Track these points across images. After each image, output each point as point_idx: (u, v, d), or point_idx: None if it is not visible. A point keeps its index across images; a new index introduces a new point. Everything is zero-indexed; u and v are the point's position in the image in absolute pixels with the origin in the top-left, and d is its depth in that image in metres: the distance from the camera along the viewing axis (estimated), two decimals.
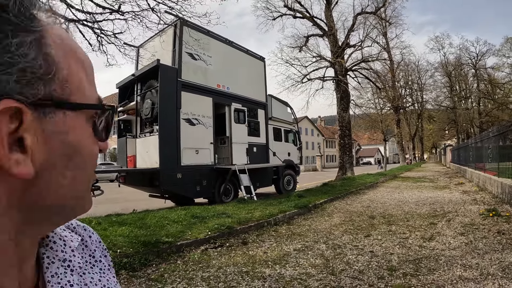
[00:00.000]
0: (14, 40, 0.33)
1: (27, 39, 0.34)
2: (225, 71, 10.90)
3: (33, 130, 0.35)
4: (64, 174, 0.39)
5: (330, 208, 9.12)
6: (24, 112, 0.33)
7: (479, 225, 6.34)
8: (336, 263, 4.48)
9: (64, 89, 0.37)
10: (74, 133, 0.39)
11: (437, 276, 3.85)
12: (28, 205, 0.37)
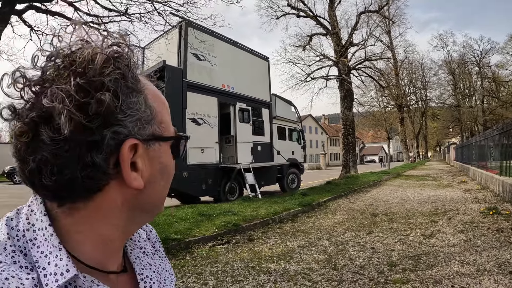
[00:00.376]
0: (133, 100, 0.47)
1: (140, 98, 0.48)
2: (229, 71, 11.05)
3: (142, 156, 0.49)
4: (159, 184, 0.54)
5: (333, 206, 9.30)
6: (139, 146, 0.48)
7: (479, 223, 6.48)
8: (339, 259, 4.67)
9: (160, 128, 0.52)
10: (164, 156, 0.54)
11: (435, 272, 4.03)
12: (135, 207, 0.51)
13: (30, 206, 0.49)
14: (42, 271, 0.43)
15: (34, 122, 0.43)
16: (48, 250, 0.45)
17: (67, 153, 0.42)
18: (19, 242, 0.45)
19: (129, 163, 0.46)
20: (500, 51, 43.68)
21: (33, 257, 0.44)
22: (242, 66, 11.78)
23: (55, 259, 0.44)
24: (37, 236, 0.45)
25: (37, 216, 0.47)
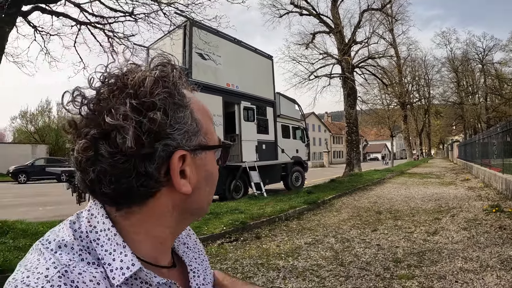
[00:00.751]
0: (180, 115, 0.52)
1: (187, 113, 0.53)
2: (234, 70, 11.11)
3: (190, 165, 0.54)
4: (205, 190, 0.59)
5: (338, 204, 9.41)
6: (187, 156, 0.53)
7: (481, 221, 6.59)
8: (345, 255, 4.79)
9: (205, 138, 0.57)
10: (210, 163, 0.59)
11: (439, 268, 4.15)
12: (184, 211, 0.57)
13: (90, 210, 0.54)
14: (108, 266, 0.49)
15: (95, 138, 0.48)
16: (112, 248, 0.50)
17: (123, 165, 0.47)
18: (82, 242, 0.50)
19: (178, 172, 0.52)
20: (503, 48, 43.45)
21: (98, 255, 0.49)
22: (246, 65, 11.85)
23: (120, 255, 0.50)
24: (99, 236, 0.51)
25: (97, 219, 0.52)
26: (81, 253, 0.48)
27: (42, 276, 0.43)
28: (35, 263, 0.46)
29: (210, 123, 0.60)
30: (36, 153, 27.82)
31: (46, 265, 0.45)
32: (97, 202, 0.54)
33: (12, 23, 7.81)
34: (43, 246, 0.49)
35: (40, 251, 0.48)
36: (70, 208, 9.10)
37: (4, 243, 4.60)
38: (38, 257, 0.47)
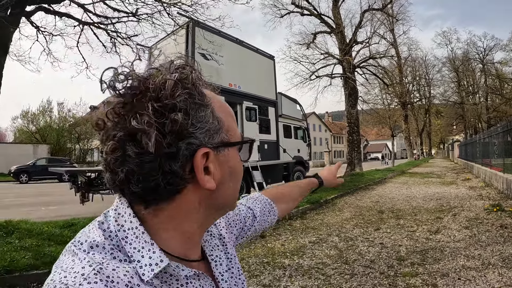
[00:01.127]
0: (201, 114, 0.54)
1: (208, 111, 0.55)
2: (236, 70, 11.14)
3: (213, 161, 0.56)
4: (229, 185, 0.60)
5: (340, 203, 9.48)
6: (210, 153, 0.55)
7: (483, 220, 6.65)
8: (349, 254, 4.86)
9: (227, 135, 0.59)
10: (233, 160, 0.60)
11: (442, 265, 4.22)
12: (210, 205, 0.59)
13: (116, 210, 0.56)
14: (137, 263, 0.51)
15: (122, 140, 0.50)
16: (140, 246, 0.52)
17: (149, 164, 0.50)
18: (113, 242, 0.52)
19: (202, 169, 0.54)
20: (503, 48, 43.41)
21: (128, 253, 0.52)
22: (248, 65, 11.87)
23: (148, 252, 0.51)
24: (127, 235, 0.53)
25: (125, 218, 0.54)
26: (112, 252, 0.51)
27: (79, 275, 0.45)
28: (70, 264, 0.48)
29: (231, 120, 0.62)
30: (38, 153, 27.83)
31: (81, 265, 0.47)
32: (123, 202, 0.56)
33: (16, 23, 7.86)
34: (75, 247, 0.51)
35: (73, 252, 0.51)
36: (73, 208, 9.17)
37: (10, 243, 4.63)
38: (73, 258, 0.49)
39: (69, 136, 34.09)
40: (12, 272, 3.80)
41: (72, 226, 5.83)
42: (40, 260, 4.10)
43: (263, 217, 0.97)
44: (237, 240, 0.88)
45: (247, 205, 0.97)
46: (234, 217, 0.88)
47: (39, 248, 4.51)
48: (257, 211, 0.96)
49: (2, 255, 4.08)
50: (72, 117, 35.36)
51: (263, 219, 0.97)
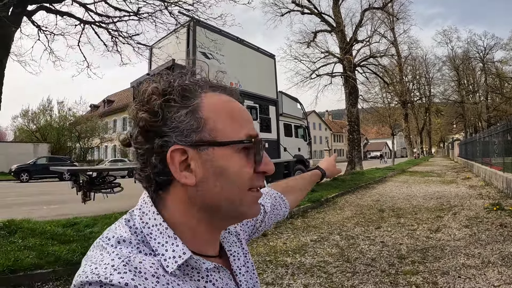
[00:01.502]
0: (176, 115, 0.58)
1: (183, 112, 0.58)
2: (237, 69, 11.14)
3: (195, 159, 0.58)
4: (215, 185, 0.59)
5: (341, 202, 9.52)
6: (187, 150, 0.58)
7: (483, 218, 6.69)
8: (351, 252, 4.90)
9: (211, 134, 0.59)
10: (222, 160, 0.59)
11: (442, 264, 4.25)
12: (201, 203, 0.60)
13: (141, 209, 0.60)
14: (162, 256, 0.54)
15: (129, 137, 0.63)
16: (164, 240, 0.56)
17: (142, 157, 0.60)
18: (138, 237, 0.56)
19: (176, 164, 0.58)
20: (504, 47, 43.30)
21: (152, 247, 0.55)
22: (249, 64, 11.87)
23: (172, 246, 0.56)
24: (152, 231, 0.57)
25: (149, 216, 0.59)
26: (138, 246, 0.55)
27: (109, 266, 0.48)
28: (99, 258, 0.51)
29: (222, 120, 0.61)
30: (38, 152, 27.82)
31: (111, 257, 0.51)
32: (147, 201, 0.61)
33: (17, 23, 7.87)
34: (104, 242, 0.55)
35: (102, 247, 0.54)
36: (74, 207, 9.19)
37: (13, 243, 4.64)
38: (101, 252, 0.53)
39: (70, 134, 34.03)
40: (17, 272, 3.81)
41: (75, 225, 5.86)
42: (44, 260, 4.11)
43: (274, 211, 1.01)
44: (250, 236, 0.92)
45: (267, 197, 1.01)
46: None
47: (43, 248, 4.52)
48: (267, 206, 0.99)
49: (6, 255, 4.08)
50: (73, 115, 35.28)
51: (274, 213, 1.01)
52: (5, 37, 7.05)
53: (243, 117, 0.65)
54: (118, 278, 0.46)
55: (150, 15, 9.21)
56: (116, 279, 0.46)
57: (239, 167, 0.60)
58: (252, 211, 0.64)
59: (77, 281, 0.48)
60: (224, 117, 0.61)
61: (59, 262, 4.11)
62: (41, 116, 34.04)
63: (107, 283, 0.46)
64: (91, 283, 0.46)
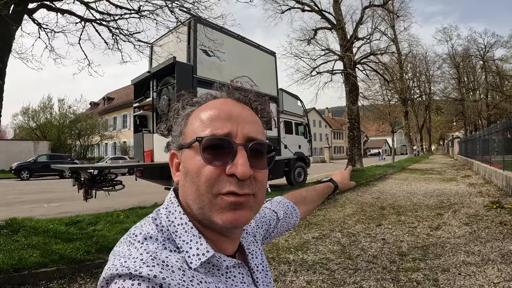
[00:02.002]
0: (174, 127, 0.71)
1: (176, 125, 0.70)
2: (237, 66, 11.18)
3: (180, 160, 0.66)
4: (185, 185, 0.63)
5: (342, 199, 9.54)
6: (176, 154, 0.68)
7: (483, 216, 6.73)
8: (352, 249, 4.94)
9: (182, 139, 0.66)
10: (187, 161, 0.63)
11: (442, 261, 4.29)
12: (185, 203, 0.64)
13: (167, 208, 0.65)
14: (186, 253, 0.58)
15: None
16: (188, 239, 0.60)
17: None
18: (164, 235, 0.60)
19: (173, 166, 0.69)
20: (504, 45, 43.34)
21: (177, 244, 0.59)
22: (250, 61, 11.89)
23: (196, 244, 0.59)
24: (177, 229, 0.61)
25: (175, 215, 0.63)
26: (164, 243, 0.58)
27: (138, 260, 0.51)
28: (127, 252, 0.54)
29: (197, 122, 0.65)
30: (38, 150, 27.85)
31: (139, 252, 0.53)
32: (173, 201, 0.66)
33: (18, 21, 7.87)
34: (131, 238, 0.58)
35: (130, 242, 0.57)
36: (75, 204, 9.25)
37: (17, 242, 4.65)
38: (129, 247, 0.56)
39: (70, 132, 34.00)
40: (21, 271, 3.82)
41: (78, 223, 5.88)
42: (48, 258, 4.13)
43: (286, 219, 1.05)
44: (263, 241, 0.95)
45: (272, 208, 1.05)
46: (260, 219, 0.95)
47: (46, 246, 4.53)
48: (280, 213, 1.04)
49: (10, 254, 4.09)
50: (73, 113, 35.28)
51: (286, 221, 1.05)
52: (6, 35, 7.05)
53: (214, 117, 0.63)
54: (147, 271, 0.49)
55: (151, 13, 9.22)
56: (145, 271, 0.49)
57: (198, 167, 0.60)
58: (222, 218, 0.59)
59: (107, 274, 0.51)
60: (197, 119, 0.65)
61: (63, 261, 4.13)
62: (41, 113, 34.01)
63: (137, 275, 0.48)
64: (121, 276, 0.49)
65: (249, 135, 0.63)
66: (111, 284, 0.50)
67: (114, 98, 46.23)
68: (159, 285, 0.48)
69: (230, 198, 0.59)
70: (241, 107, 0.67)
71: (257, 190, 0.63)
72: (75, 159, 26.13)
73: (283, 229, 1.05)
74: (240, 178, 0.58)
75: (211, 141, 0.60)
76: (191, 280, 0.54)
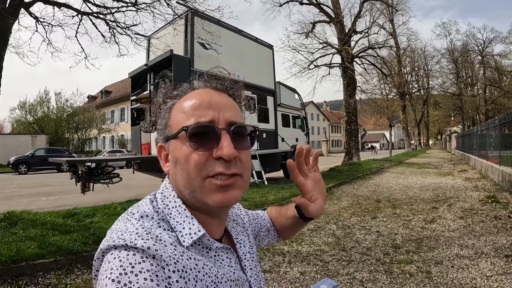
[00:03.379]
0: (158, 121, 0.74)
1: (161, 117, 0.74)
2: (235, 59, 11.13)
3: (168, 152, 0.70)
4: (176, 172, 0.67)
5: (338, 192, 9.62)
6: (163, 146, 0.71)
7: (478, 210, 6.79)
8: (347, 241, 5.00)
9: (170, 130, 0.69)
10: (175, 150, 0.67)
11: (436, 254, 4.35)
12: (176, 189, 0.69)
13: (162, 193, 0.70)
14: (179, 233, 0.63)
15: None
16: (182, 220, 0.65)
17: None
18: (159, 215, 0.65)
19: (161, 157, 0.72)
20: (503, 41, 43.10)
21: (171, 225, 0.64)
22: (247, 54, 11.86)
23: (188, 224, 0.64)
24: (171, 212, 0.66)
25: (169, 199, 0.68)
26: (159, 222, 0.64)
27: (134, 233, 0.57)
28: (124, 228, 0.60)
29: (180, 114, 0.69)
30: (36, 144, 27.76)
31: (135, 227, 0.60)
32: (168, 187, 0.71)
33: (15, 15, 7.83)
34: (129, 216, 0.64)
35: (127, 219, 0.63)
36: (73, 197, 9.27)
37: (15, 234, 4.68)
38: (125, 224, 0.62)
39: (67, 126, 33.92)
40: (19, 262, 3.85)
41: (75, 216, 5.90)
42: (46, 249, 4.17)
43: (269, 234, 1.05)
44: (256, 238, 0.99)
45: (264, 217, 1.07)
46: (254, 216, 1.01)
47: (44, 238, 4.57)
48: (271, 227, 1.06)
49: (8, 246, 4.13)
50: (70, 107, 35.17)
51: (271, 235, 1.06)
52: (3, 29, 7.01)
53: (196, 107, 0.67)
54: (141, 243, 0.54)
55: (148, 5, 9.17)
56: (139, 243, 0.54)
57: (186, 155, 0.65)
58: (213, 199, 0.64)
59: (104, 245, 0.56)
60: (180, 111, 0.69)
61: (60, 252, 4.17)
62: (38, 107, 33.89)
63: (132, 246, 0.53)
64: (117, 247, 0.54)
65: (230, 119, 0.67)
66: (107, 255, 0.55)
67: (111, 92, 46.09)
68: (152, 256, 0.53)
69: (218, 181, 0.63)
70: (219, 95, 0.71)
71: (243, 170, 0.68)
72: (73, 152, 26.08)
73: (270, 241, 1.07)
74: (226, 159, 0.63)
75: (196, 129, 0.64)
76: (181, 255, 0.58)
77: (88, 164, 7.95)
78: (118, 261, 0.52)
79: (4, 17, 6.58)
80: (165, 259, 0.54)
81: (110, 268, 0.51)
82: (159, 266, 0.53)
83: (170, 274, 0.54)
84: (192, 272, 0.58)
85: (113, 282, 0.49)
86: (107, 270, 0.51)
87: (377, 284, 3.51)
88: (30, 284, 3.65)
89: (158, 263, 0.53)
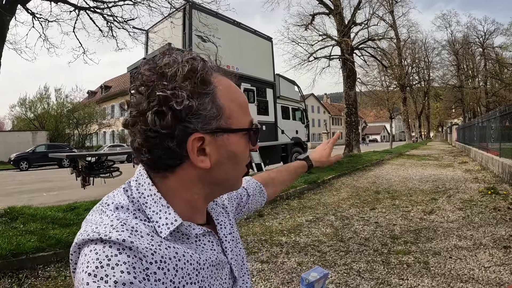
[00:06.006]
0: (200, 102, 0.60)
1: (207, 100, 0.61)
2: (234, 52, 11.08)
3: (210, 144, 0.62)
4: (228, 167, 0.66)
5: (337, 184, 9.63)
6: (205, 137, 0.61)
7: (477, 202, 6.78)
8: (345, 232, 5.02)
9: (227, 122, 0.63)
10: (233, 145, 0.65)
11: (434, 244, 4.36)
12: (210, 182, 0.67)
13: (137, 180, 0.66)
14: (156, 223, 0.60)
15: (135, 116, 0.59)
16: (158, 209, 0.62)
17: (153, 140, 0.59)
18: (135, 206, 0.62)
19: (195, 150, 0.61)
20: (504, 33, 42.78)
21: (147, 215, 0.61)
22: (246, 46, 11.80)
23: (165, 214, 0.61)
24: (147, 201, 0.62)
25: (144, 187, 0.64)
26: (134, 213, 0.61)
27: (108, 226, 0.55)
28: (99, 220, 0.57)
29: (236, 108, 0.66)
30: (37, 140, 27.78)
31: (110, 219, 0.57)
32: (142, 173, 0.66)
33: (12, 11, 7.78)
34: (103, 207, 0.61)
35: (101, 211, 0.60)
36: (74, 192, 9.30)
37: (15, 228, 4.72)
38: (101, 215, 0.59)
39: (68, 121, 33.94)
40: (19, 255, 3.89)
41: (75, 209, 5.93)
42: (46, 243, 4.20)
43: (254, 197, 1.08)
44: (235, 214, 0.98)
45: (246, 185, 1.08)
46: (232, 193, 0.98)
47: (44, 232, 4.61)
48: (250, 190, 1.07)
49: (9, 240, 4.16)
50: (70, 102, 35.15)
51: (255, 198, 1.08)
52: (0, 26, 6.99)
53: (246, 103, 0.71)
54: (116, 235, 0.52)
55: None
56: (114, 236, 0.52)
57: (243, 150, 0.68)
58: (239, 184, 0.74)
59: (79, 239, 0.55)
60: (235, 104, 0.66)
61: (60, 245, 4.21)
62: (38, 104, 33.87)
63: (107, 240, 0.52)
64: (92, 240, 0.53)
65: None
66: (83, 248, 0.53)
67: (111, 87, 46.02)
68: (128, 248, 0.52)
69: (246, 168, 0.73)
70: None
71: None
72: (74, 148, 26.12)
73: (252, 207, 1.08)
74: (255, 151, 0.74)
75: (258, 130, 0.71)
76: (159, 245, 0.57)
77: (88, 158, 7.98)
78: (94, 253, 0.51)
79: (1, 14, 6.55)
80: (142, 250, 0.53)
81: (87, 262, 0.51)
82: (136, 257, 0.52)
83: (148, 266, 0.53)
84: (172, 261, 0.57)
85: (89, 276, 0.49)
86: (84, 264, 0.51)
87: (374, 274, 3.53)
88: (30, 277, 3.68)
89: (135, 254, 0.52)
